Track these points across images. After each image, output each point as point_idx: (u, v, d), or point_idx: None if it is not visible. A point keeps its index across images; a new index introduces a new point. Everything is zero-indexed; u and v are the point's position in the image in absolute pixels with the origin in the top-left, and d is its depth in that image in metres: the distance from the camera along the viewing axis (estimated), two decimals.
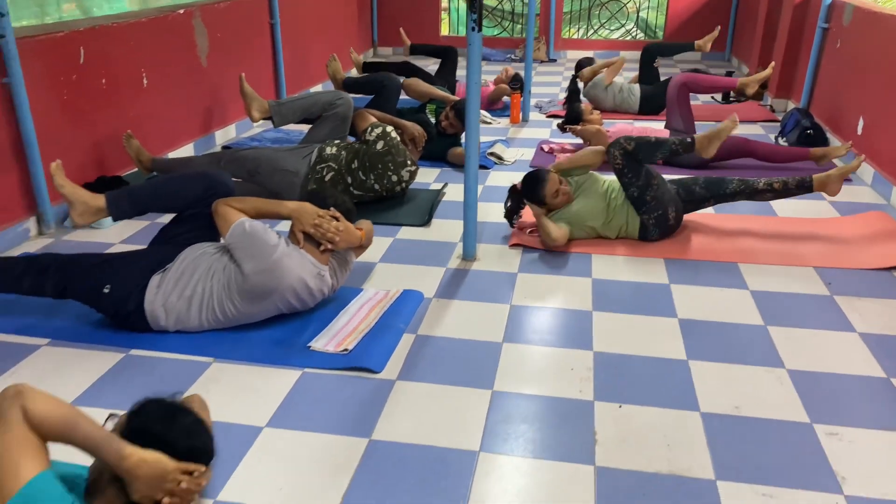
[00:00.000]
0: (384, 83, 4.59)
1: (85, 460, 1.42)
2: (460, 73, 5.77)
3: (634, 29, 9.05)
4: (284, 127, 4.52)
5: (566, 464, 1.84)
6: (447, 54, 5.71)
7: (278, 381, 2.18)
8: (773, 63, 5.02)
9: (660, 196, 3.15)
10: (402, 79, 4.73)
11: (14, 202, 3.16)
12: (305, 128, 4.10)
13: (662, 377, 2.22)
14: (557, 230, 3.07)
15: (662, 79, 5.60)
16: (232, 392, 2.11)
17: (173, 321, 2.36)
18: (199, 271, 2.36)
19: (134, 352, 2.33)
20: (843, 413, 2.05)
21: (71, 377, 2.19)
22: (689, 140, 3.29)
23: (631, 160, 3.13)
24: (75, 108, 3.46)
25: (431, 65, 6.28)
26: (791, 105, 5.66)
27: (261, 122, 4.24)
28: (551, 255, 3.11)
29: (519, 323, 2.55)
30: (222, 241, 2.49)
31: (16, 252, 3.07)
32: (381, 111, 4.09)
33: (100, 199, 2.53)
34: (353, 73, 6.37)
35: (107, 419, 1.46)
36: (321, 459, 1.85)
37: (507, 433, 1.96)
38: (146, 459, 1.36)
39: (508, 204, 3.28)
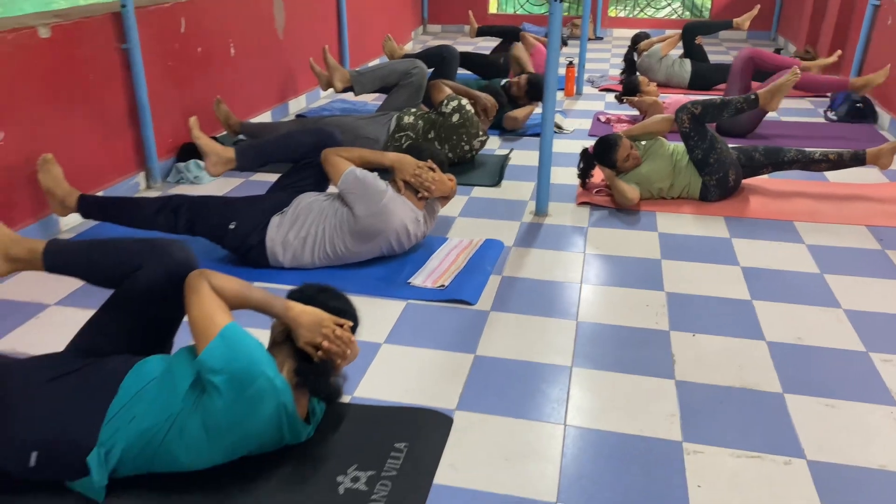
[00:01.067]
0: (443, 55, 4.84)
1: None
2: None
3: (680, 7, 9.17)
4: (355, 98, 4.82)
5: (650, 378, 2.11)
6: (511, 34, 5.94)
7: (387, 310, 2.47)
8: (839, 52, 5.14)
9: (722, 159, 3.38)
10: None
11: (128, 158, 3.49)
12: (370, 98, 4.38)
13: (729, 313, 2.47)
14: (631, 190, 3.32)
15: (711, 59, 5.78)
16: None
17: (290, 258, 2.67)
18: (312, 214, 2.66)
19: (256, 284, 2.63)
20: (895, 344, 2.29)
21: None
22: (752, 96, 3.50)
23: (698, 124, 3.36)
24: (177, 74, 3.78)
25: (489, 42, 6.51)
26: None
27: (329, 92, 4.51)
28: (618, 212, 3.36)
29: (594, 268, 2.81)
30: (330, 189, 2.79)
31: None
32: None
33: (230, 151, 2.84)
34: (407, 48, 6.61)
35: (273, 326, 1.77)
36: (436, 369, 2.14)
37: (594, 353, 2.23)
38: (306, 309, 1.69)
39: (581, 165, 3.53)
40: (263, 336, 1.73)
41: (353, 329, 1.78)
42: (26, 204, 2.90)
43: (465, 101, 3.82)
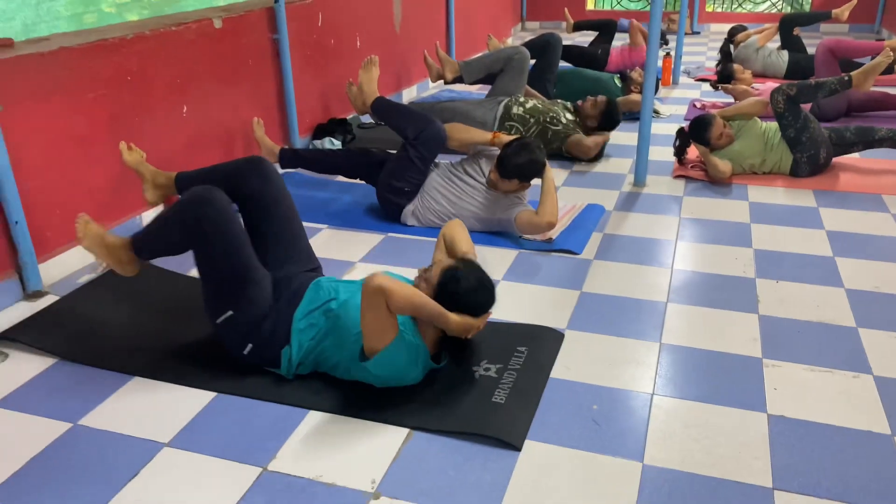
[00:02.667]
0: (549, 41, 5.20)
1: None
2: (615, 43, 6.33)
3: (780, 2, 9.18)
4: (459, 88, 5.24)
5: (736, 312, 2.43)
6: (607, 26, 6.24)
7: (503, 256, 2.88)
8: None
9: (814, 137, 3.61)
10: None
11: (274, 135, 4.04)
12: (474, 89, 4.73)
13: (812, 267, 2.75)
14: (724, 164, 3.61)
15: (810, 51, 5.89)
16: None
17: (415, 221, 3.14)
18: (445, 196, 3.12)
19: (391, 234, 3.10)
20: None
21: (352, 248, 2.98)
22: (846, 78, 3.71)
23: (792, 104, 3.61)
24: (315, 62, 4.32)
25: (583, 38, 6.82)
26: None
27: (438, 84, 4.92)
28: (711, 184, 3.65)
29: (688, 229, 3.13)
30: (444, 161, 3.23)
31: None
32: (544, 71, 4.84)
33: (276, 148, 3.47)
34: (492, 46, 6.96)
35: (419, 272, 2.10)
36: (547, 299, 2.53)
37: (687, 292, 2.57)
38: (459, 322, 1.95)
39: (677, 143, 3.84)
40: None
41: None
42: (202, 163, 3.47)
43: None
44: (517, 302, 2.52)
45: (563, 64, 5.72)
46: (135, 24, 3.18)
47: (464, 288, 1.96)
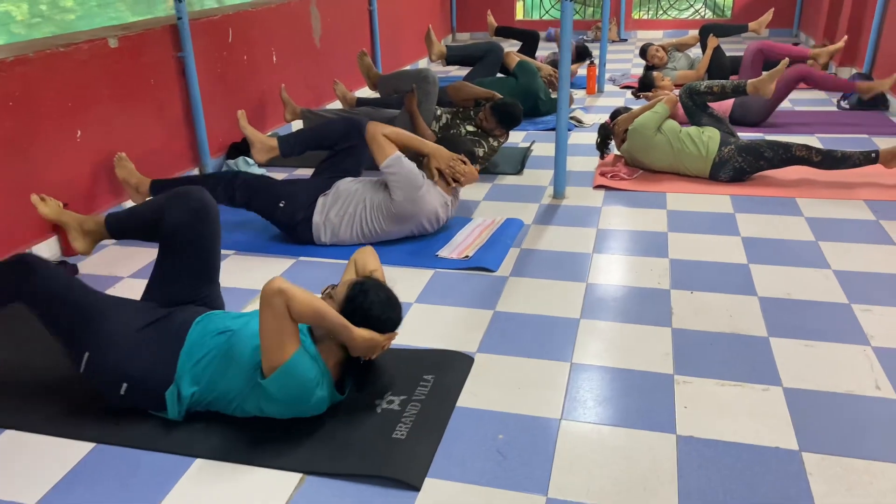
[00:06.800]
0: (490, 49, 5.34)
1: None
2: (539, 52, 6.35)
3: (703, 8, 9.37)
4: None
5: (649, 326, 2.38)
6: (530, 37, 6.24)
7: (418, 277, 2.78)
8: (846, 37, 5.36)
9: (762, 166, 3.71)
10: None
11: (184, 155, 3.87)
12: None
13: (727, 275, 2.73)
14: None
15: (732, 55, 6.00)
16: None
17: (329, 235, 3.01)
18: (352, 197, 3.00)
19: (302, 258, 2.98)
20: (876, 297, 2.52)
21: (257, 274, 2.84)
22: (872, 154, 3.55)
23: (693, 102, 3.86)
24: (227, 79, 4.16)
25: (508, 47, 6.81)
26: (854, 71, 5.96)
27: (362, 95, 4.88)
28: (631, 193, 3.63)
29: (605, 240, 3.09)
30: (364, 175, 3.12)
31: None
32: (483, 76, 4.90)
33: (273, 140, 3.20)
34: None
35: (325, 290, 2.03)
36: (460, 320, 2.45)
37: (601, 308, 2.51)
38: (365, 337, 1.87)
39: (598, 140, 3.96)
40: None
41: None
42: (98, 194, 3.29)
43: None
44: (428, 325, 2.43)
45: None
46: (18, 45, 2.98)
47: (371, 300, 1.90)
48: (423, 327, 2.42)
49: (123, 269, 2.90)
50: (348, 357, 1.93)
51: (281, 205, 2.99)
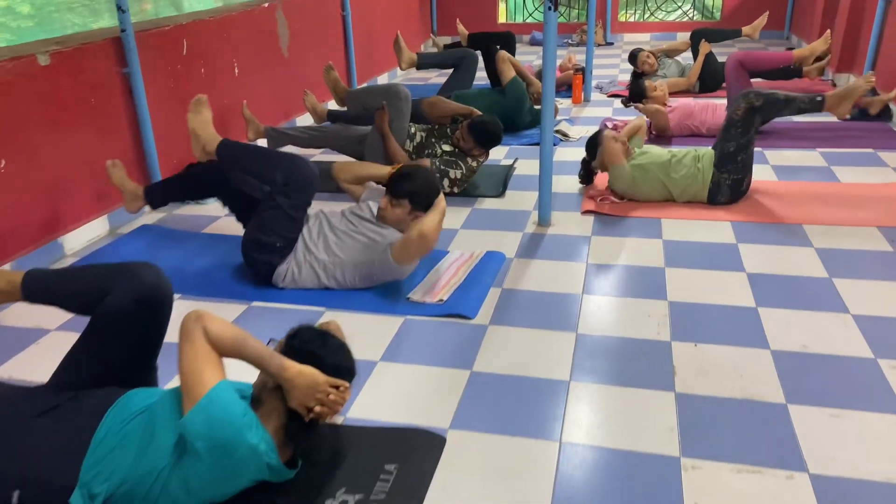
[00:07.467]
0: (464, 56, 5.00)
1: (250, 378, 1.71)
2: (519, 57, 6.00)
3: (691, 10, 9.09)
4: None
5: (649, 390, 2.06)
6: (506, 41, 5.91)
7: (385, 326, 2.45)
8: (828, 31, 5.10)
9: (747, 163, 3.33)
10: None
11: (133, 178, 3.51)
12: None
13: (734, 321, 2.42)
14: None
15: (720, 59, 5.72)
16: (346, 334, 2.39)
17: (290, 280, 2.67)
18: (319, 245, 2.69)
19: (256, 303, 2.64)
20: None
21: None
22: (818, 98, 3.34)
23: (751, 115, 3.28)
24: (181, 94, 3.81)
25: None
26: (852, 78, 5.69)
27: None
28: (622, 220, 3.32)
29: (596, 278, 2.77)
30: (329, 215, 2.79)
31: (134, 225, 3.43)
32: (461, 88, 4.64)
33: (139, 189, 3.13)
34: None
35: (268, 342, 1.73)
36: (431, 387, 2.12)
37: (593, 366, 2.19)
38: (303, 371, 1.60)
39: (581, 172, 3.56)
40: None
41: (350, 379, 1.74)
42: (27, 231, 2.93)
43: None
44: (394, 391, 2.10)
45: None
46: None
47: (308, 336, 1.70)
48: (389, 394, 2.08)
49: (50, 321, 2.55)
50: (291, 421, 1.62)
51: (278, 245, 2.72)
